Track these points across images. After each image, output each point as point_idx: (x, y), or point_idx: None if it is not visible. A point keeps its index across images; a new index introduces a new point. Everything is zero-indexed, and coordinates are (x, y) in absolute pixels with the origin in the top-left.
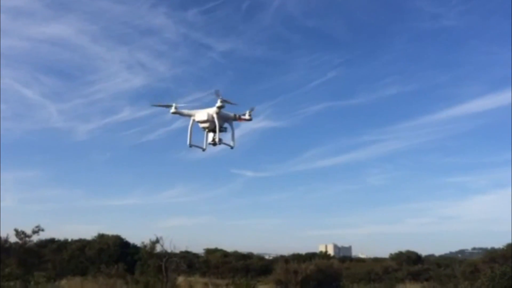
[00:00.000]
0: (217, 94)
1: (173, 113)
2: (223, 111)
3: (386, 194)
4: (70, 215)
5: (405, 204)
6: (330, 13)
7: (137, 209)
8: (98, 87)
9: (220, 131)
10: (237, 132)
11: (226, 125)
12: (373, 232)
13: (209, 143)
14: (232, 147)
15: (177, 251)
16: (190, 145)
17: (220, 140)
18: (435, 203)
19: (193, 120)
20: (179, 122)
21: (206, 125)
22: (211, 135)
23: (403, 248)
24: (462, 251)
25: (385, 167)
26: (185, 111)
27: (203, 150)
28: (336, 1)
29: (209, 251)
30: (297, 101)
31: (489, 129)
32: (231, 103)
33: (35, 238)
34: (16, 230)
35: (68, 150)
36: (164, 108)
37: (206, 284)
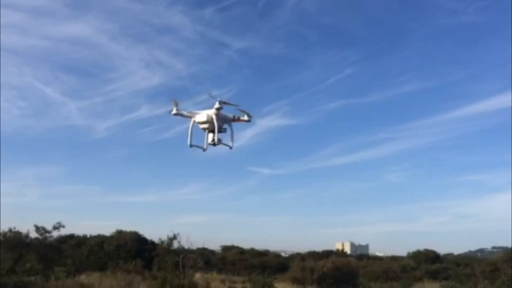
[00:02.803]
0: (211, 96)
1: (175, 114)
2: (222, 112)
3: (403, 192)
4: (89, 211)
5: (422, 202)
6: (346, 9)
7: (154, 206)
8: (116, 85)
9: (220, 131)
10: (254, 130)
11: (225, 126)
12: (390, 231)
13: (209, 143)
14: (231, 148)
15: (194, 247)
16: (191, 145)
17: (219, 140)
18: (453, 202)
19: (194, 121)
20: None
21: (205, 126)
22: (211, 135)
23: (421, 246)
24: (481, 250)
25: (401, 165)
26: (186, 112)
27: (204, 150)
28: None
29: (225, 248)
30: (313, 99)
31: (507, 126)
32: (230, 104)
33: (55, 234)
34: (36, 226)
35: (87, 147)
36: (180, 106)
37: (223, 281)
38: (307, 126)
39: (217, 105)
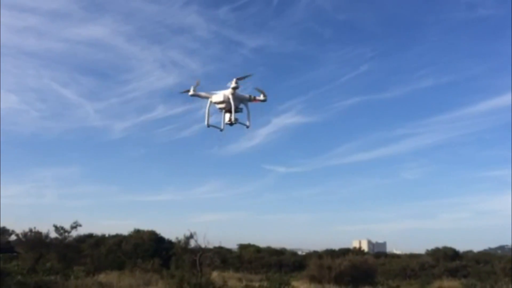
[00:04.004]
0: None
1: (192, 95)
2: (238, 92)
3: (421, 189)
4: (107, 211)
5: (441, 198)
6: (361, 5)
7: (171, 205)
8: (132, 86)
9: (236, 111)
10: (270, 128)
11: (241, 106)
12: (408, 228)
13: (226, 123)
14: (248, 127)
15: (210, 246)
16: (208, 126)
17: (236, 119)
18: (473, 198)
19: (210, 101)
20: (212, 119)
21: (222, 106)
22: (227, 115)
23: (440, 244)
24: (502, 247)
25: (420, 161)
26: (203, 94)
27: (221, 130)
28: None
29: (242, 247)
30: (329, 96)
31: None
32: (246, 76)
33: (74, 234)
34: (55, 226)
35: (104, 147)
36: (195, 107)
37: (240, 279)
38: (323, 124)
39: (233, 84)
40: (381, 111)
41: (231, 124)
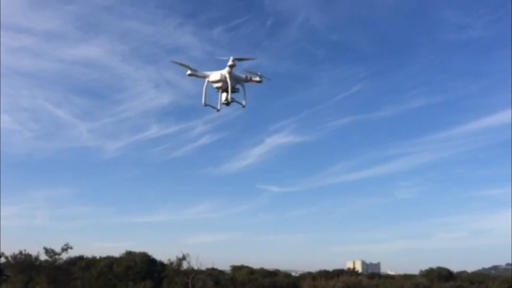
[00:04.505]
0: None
1: (189, 74)
2: (235, 73)
3: (415, 208)
4: (99, 232)
5: (435, 218)
6: (354, 26)
7: (164, 226)
8: (126, 106)
9: (233, 91)
10: (263, 148)
11: (238, 86)
12: (402, 248)
13: (223, 103)
14: (244, 106)
15: (203, 268)
16: (205, 104)
17: (232, 99)
18: (466, 217)
19: (208, 81)
20: (206, 138)
21: (219, 84)
22: (224, 95)
23: (434, 264)
24: (495, 267)
25: (414, 180)
26: (200, 73)
27: (218, 110)
28: (359, 14)
29: (235, 268)
30: (322, 115)
31: None
32: (247, 59)
33: (64, 256)
34: (45, 248)
35: (97, 167)
36: (189, 126)
37: None
38: (317, 143)
39: (230, 62)
40: (375, 130)
41: (227, 103)
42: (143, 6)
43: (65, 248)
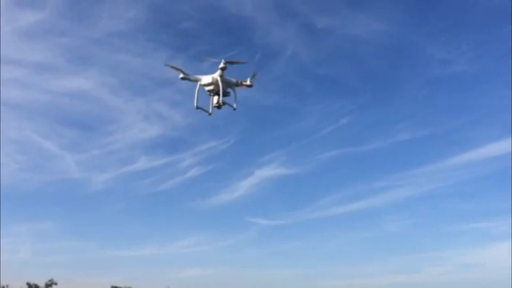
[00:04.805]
0: (209, 59)
1: (182, 78)
2: (226, 77)
3: (403, 242)
4: (84, 267)
5: (424, 252)
6: (340, 61)
7: (151, 260)
8: (114, 138)
9: (224, 95)
10: (252, 180)
11: (229, 90)
12: (392, 282)
13: (214, 106)
14: (234, 109)
15: None
16: (197, 107)
17: (224, 102)
18: (456, 251)
19: (200, 84)
20: (194, 171)
21: (211, 87)
22: (216, 98)
23: None
24: None
25: (401, 213)
26: (192, 77)
27: (209, 114)
28: (345, 50)
29: None
30: (311, 148)
31: (507, 173)
32: (238, 63)
33: None
34: (29, 284)
35: (83, 200)
36: (177, 159)
37: None
38: (305, 175)
39: (221, 64)
40: (362, 163)
41: (219, 107)
42: (134, 39)
43: (50, 284)
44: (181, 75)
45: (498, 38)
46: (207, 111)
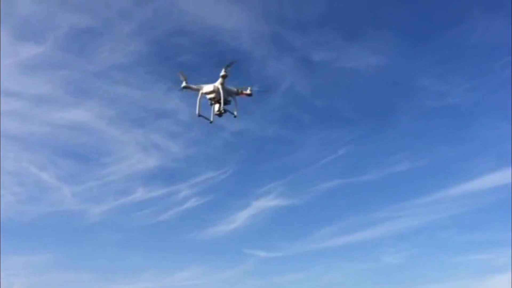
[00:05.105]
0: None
1: (184, 87)
2: (227, 86)
3: (403, 274)
4: None
5: (423, 283)
6: (337, 93)
7: None
8: (112, 169)
9: (225, 103)
10: (250, 211)
11: (230, 98)
12: None
13: (215, 114)
14: (235, 116)
15: None
16: (199, 115)
17: (225, 109)
18: (455, 283)
19: (201, 93)
20: (192, 202)
21: (212, 95)
22: (217, 106)
23: None
24: None
25: (400, 245)
26: (194, 86)
27: (211, 122)
28: (342, 82)
29: None
30: (309, 179)
31: (506, 204)
32: (232, 63)
33: None
34: None
35: (80, 232)
36: (175, 190)
37: None
38: (304, 206)
39: (222, 72)
40: (360, 194)
41: (220, 114)
42: (134, 72)
43: None
44: (183, 84)
45: (491, 71)
46: (208, 119)
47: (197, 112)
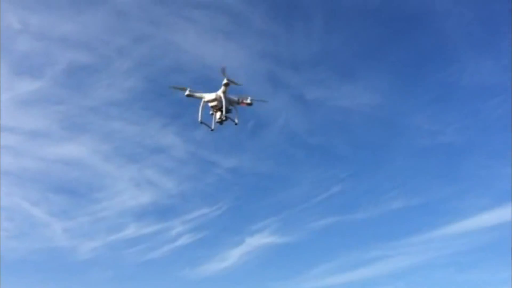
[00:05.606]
0: (223, 71)
1: (187, 95)
2: (228, 95)
3: None
4: None
5: None
6: (331, 130)
7: None
8: (104, 205)
9: (226, 111)
10: (243, 249)
11: (231, 107)
12: None
13: (217, 122)
14: (236, 123)
15: None
16: (201, 122)
17: (226, 117)
18: None
19: (203, 101)
20: (184, 238)
21: (214, 103)
22: (218, 114)
23: None
24: None
25: (396, 284)
26: (197, 94)
27: (212, 130)
28: (335, 120)
29: None
30: (303, 216)
31: (504, 242)
32: (236, 84)
33: None
34: None
35: (70, 268)
36: (168, 226)
37: None
38: (298, 244)
39: (225, 81)
40: (355, 232)
41: (221, 122)
42: (129, 107)
43: None
44: (187, 92)
45: (482, 110)
46: (209, 127)
47: (199, 119)
